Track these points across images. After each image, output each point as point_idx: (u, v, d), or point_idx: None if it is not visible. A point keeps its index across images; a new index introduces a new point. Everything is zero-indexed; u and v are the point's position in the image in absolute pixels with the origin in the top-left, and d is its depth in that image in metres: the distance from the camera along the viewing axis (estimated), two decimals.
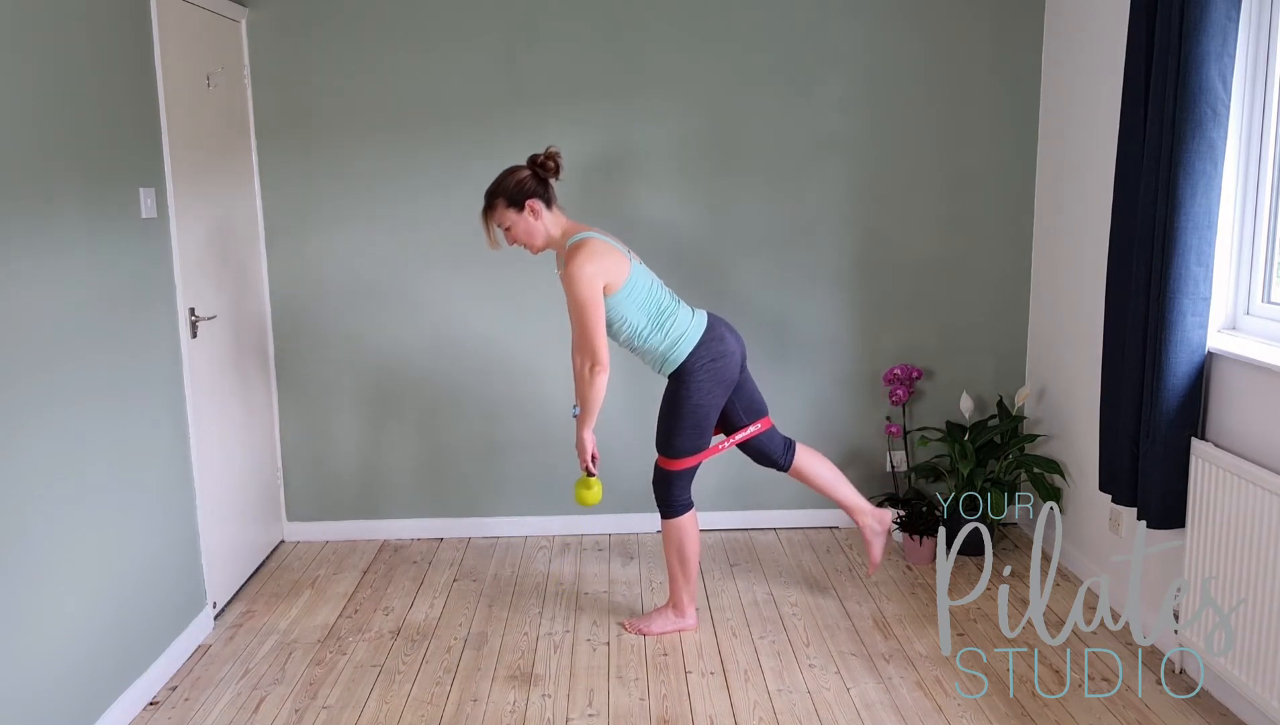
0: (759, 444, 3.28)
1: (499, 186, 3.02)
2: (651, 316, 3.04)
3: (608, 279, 2.95)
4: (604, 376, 2.99)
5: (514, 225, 3.02)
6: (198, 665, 3.11)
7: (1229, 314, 2.87)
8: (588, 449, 3.10)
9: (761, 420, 3.27)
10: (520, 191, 2.99)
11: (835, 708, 2.81)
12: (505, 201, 3.00)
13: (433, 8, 3.81)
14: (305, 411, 4.06)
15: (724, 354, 3.08)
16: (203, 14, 3.45)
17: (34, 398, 2.40)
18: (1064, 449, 3.74)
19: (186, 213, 3.27)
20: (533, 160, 3.02)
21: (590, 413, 3.04)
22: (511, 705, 2.85)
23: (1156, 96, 2.77)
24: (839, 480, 3.36)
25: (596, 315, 2.94)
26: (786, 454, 3.31)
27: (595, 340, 2.95)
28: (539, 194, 3.01)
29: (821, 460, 3.36)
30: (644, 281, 3.05)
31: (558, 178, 3.05)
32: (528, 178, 3.00)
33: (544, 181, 3.03)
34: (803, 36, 3.86)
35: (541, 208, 3.01)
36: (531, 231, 3.03)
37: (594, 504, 3.14)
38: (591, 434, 3.08)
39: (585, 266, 2.92)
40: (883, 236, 4.01)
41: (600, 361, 2.97)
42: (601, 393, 3.01)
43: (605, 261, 2.95)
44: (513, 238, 3.06)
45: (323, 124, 3.87)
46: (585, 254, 2.94)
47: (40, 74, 2.47)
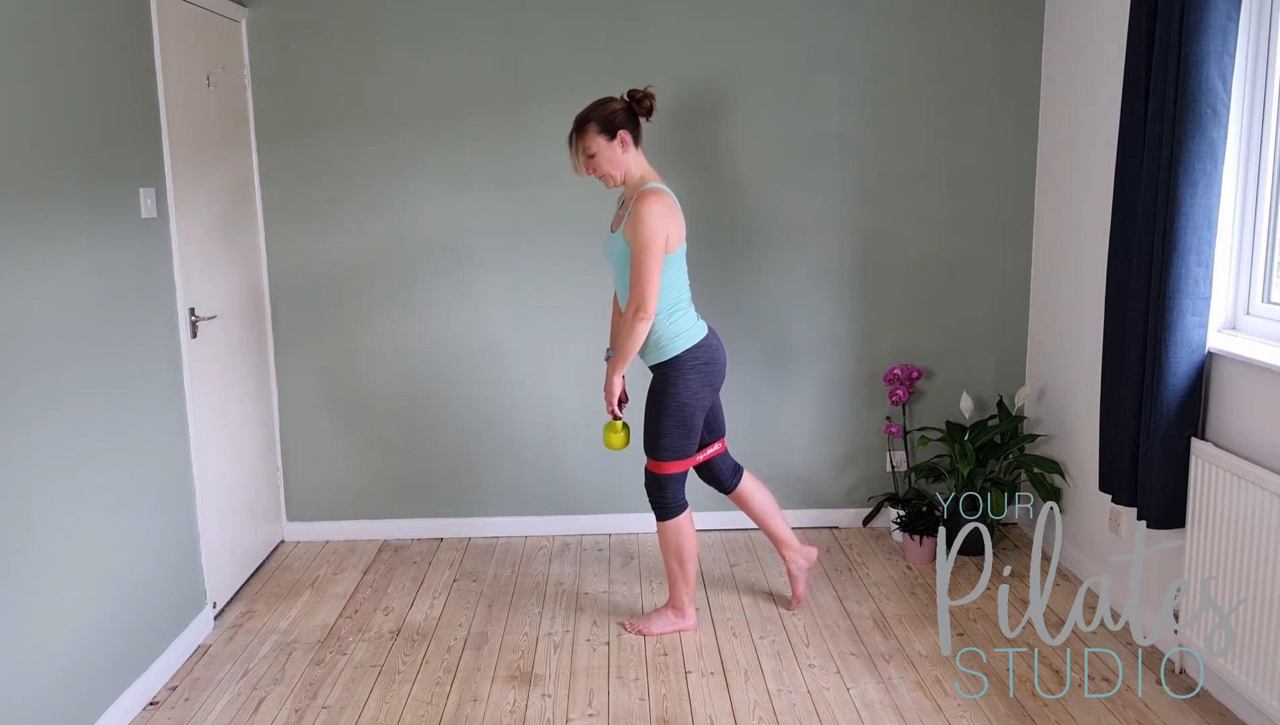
0: (711, 464, 3.31)
1: (593, 111, 3.01)
2: (669, 301, 3.04)
3: (670, 233, 2.96)
4: (646, 324, 2.96)
5: (600, 152, 3.01)
6: (198, 665, 3.11)
7: (1229, 314, 2.87)
8: (615, 392, 3.08)
9: (720, 441, 3.30)
10: (614, 120, 2.99)
11: (835, 708, 2.81)
12: (598, 127, 2.99)
13: (433, 7, 3.81)
14: (305, 411, 4.06)
15: (714, 362, 3.10)
16: (203, 14, 3.44)
17: (34, 397, 2.40)
18: (1064, 449, 3.74)
19: (186, 213, 3.27)
20: (632, 94, 3.03)
21: (624, 357, 3.02)
22: (511, 705, 2.85)
23: (1156, 96, 2.77)
24: (774, 513, 3.37)
25: (656, 259, 2.92)
26: (734, 478, 3.32)
27: (649, 284, 2.93)
28: (630, 127, 3.01)
29: (763, 490, 3.38)
30: (682, 266, 3.07)
31: (649, 118, 3.06)
32: (622, 109, 3.01)
33: (635, 117, 3.03)
34: (803, 36, 3.86)
35: (630, 141, 3.02)
36: (615, 161, 3.02)
37: (619, 448, 3.13)
38: (622, 378, 3.07)
39: (659, 209, 2.92)
40: (883, 236, 4.01)
41: (646, 308, 2.94)
42: (640, 339, 2.98)
43: (675, 218, 2.98)
44: (595, 165, 3.03)
45: (323, 124, 3.87)
46: (663, 202, 2.95)
47: (40, 74, 2.47)
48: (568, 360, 4.02)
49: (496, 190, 3.92)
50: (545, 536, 4.15)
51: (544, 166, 3.89)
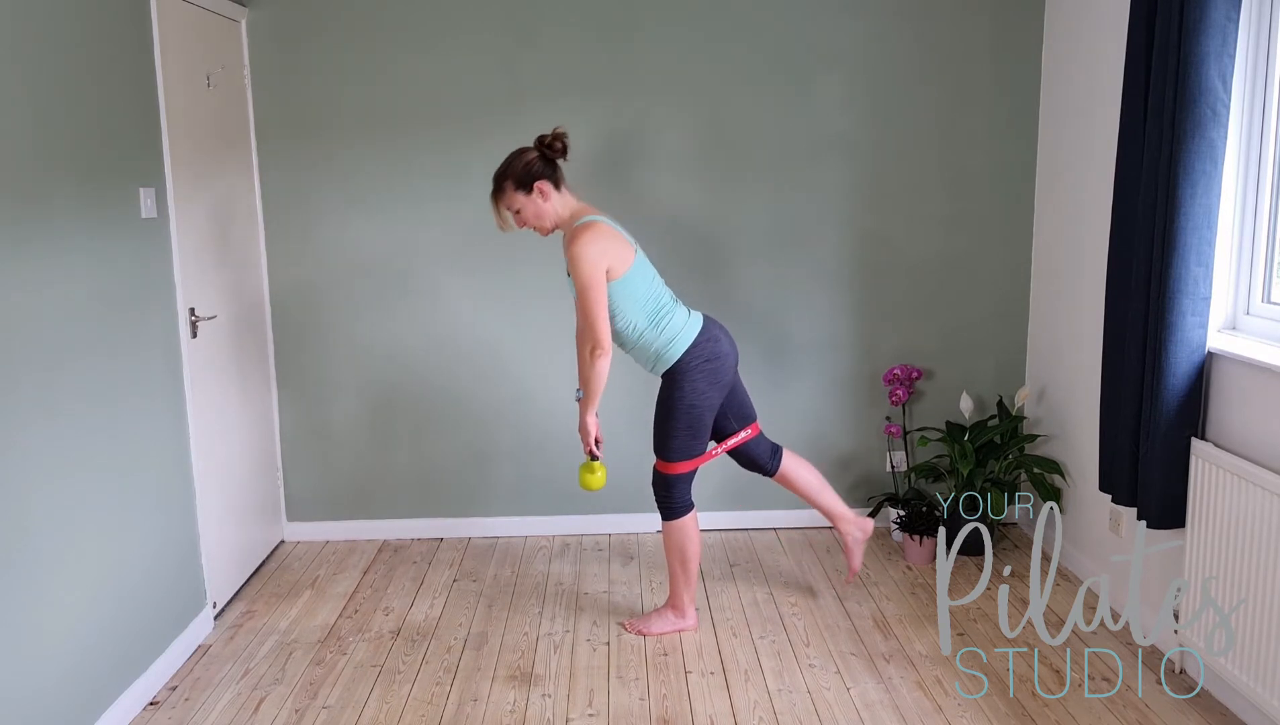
0: (746, 450, 3.29)
1: (507, 169, 2.99)
2: (650, 313, 3.03)
3: (611, 262, 2.93)
4: (605, 360, 2.96)
5: (523, 207, 3.00)
6: (198, 665, 3.11)
7: (1229, 314, 2.87)
8: (590, 433, 3.09)
9: (751, 426, 3.27)
10: (528, 173, 2.97)
11: (835, 708, 2.81)
12: (514, 184, 2.98)
13: (433, 8, 3.81)
14: (305, 411, 4.06)
15: (718, 356, 3.07)
16: (203, 14, 3.45)
17: (35, 397, 2.40)
18: (1064, 449, 3.74)
19: (186, 213, 3.27)
20: (540, 141, 3.00)
21: (593, 396, 3.02)
22: (511, 705, 2.85)
23: (1156, 96, 2.77)
24: (823, 488, 3.37)
25: (599, 297, 2.92)
26: (773, 460, 3.31)
27: (597, 322, 2.93)
28: (547, 175, 2.98)
29: (807, 467, 3.37)
30: (645, 276, 3.03)
31: (565, 158, 3.02)
32: (535, 159, 2.98)
33: (552, 163, 3.00)
34: (803, 36, 3.86)
35: (550, 189, 2.99)
36: (541, 213, 3.01)
37: (597, 489, 3.13)
38: (595, 418, 3.07)
39: (589, 247, 2.90)
40: (883, 236, 4.01)
41: (602, 344, 2.94)
42: (604, 376, 2.98)
43: (611, 245, 2.94)
44: (523, 220, 3.03)
45: (323, 124, 3.87)
46: (592, 235, 2.92)
47: (40, 74, 2.47)
48: (567, 360, 4.02)
49: None
50: (545, 536, 4.15)
51: None
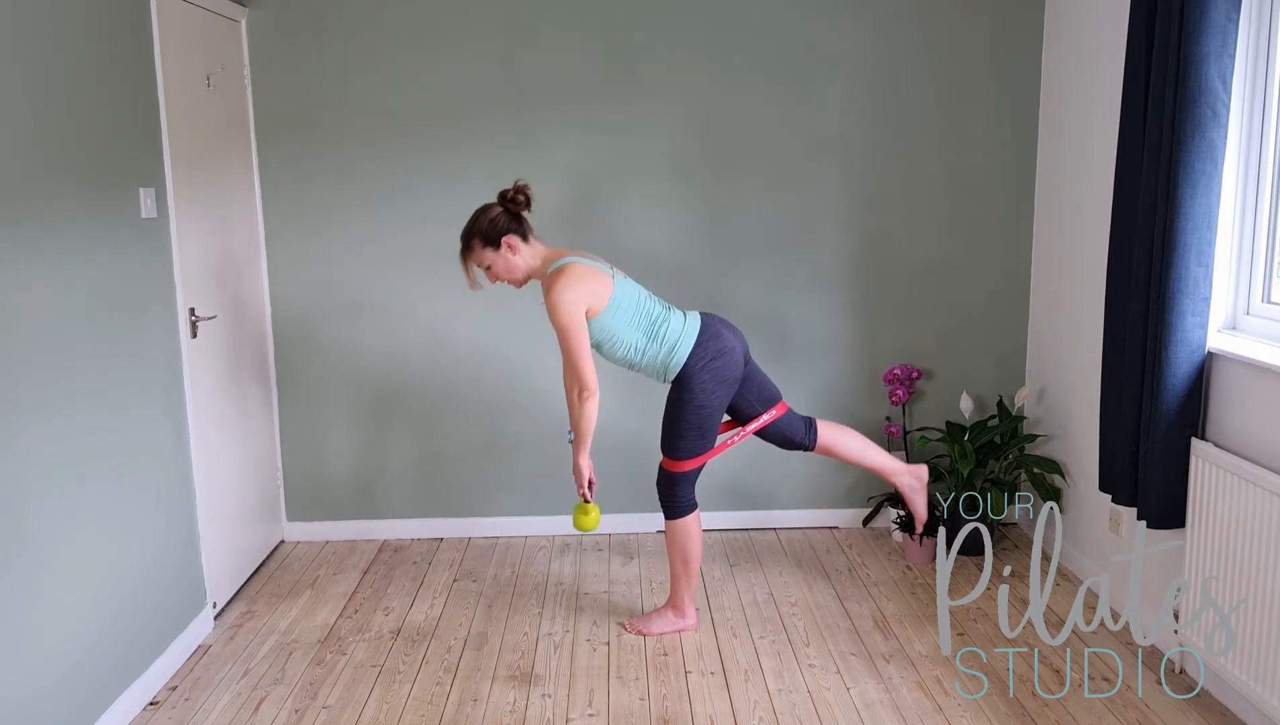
0: (780, 429, 3.26)
1: (473, 227, 3.01)
2: (645, 329, 3.04)
3: (590, 302, 2.95)
4: (594, 401, 2.99)
5: (493, 263, 3.02)
6: (198, 665, 3.11)
7: (1229, 314, 2.87)
8: (584, 475, 3.11)
9: (776, 406, 3.25)
10: (495, 230, 2.99)
11: (835, 708, 2.81)
12: (481, 241, 3.00)
13: (433, 8, 3.81)
14: (305, 411, 4.06)
15: (723, 352, 3.07)
16: (203, 14, 3.45)
17: (35, 398, 2.40)
18: (1064, 449, 3.74)
19: (186, 213, 3.27)
20: (502, 196, 3.02)
21: (584, 439, 3.05)
22: (511, 705, 2.85)
23: (1156, 96, 2.77)
24: (867, 447, 3.33)
25: (580, 341, 2.94)
26: (809, 434, 3.28)
27: (581, 365, 2.96)
28: (513, 229, 3.00)
29: (845, 432, 3.33)
30: (630, 296, 3.04)
31: (529, 210, 3.04)
32: (500, 215, 3.00)
33: (517, 216, 3.02)
34: (803, 36, 3.86)
35: (518, 242, 3.01)
36: (512, 267, 3.03)
37: (591, 530, 3.16)
38: (588, 459, 3.10)
39: (566, 292, 2.92)
40: (882, 237, 4.01)
41: (588, 387, 2.97)
42: (593, 418, 3.01)
43: (586, 284, 2.95)
44: (495, 276, 3.05)
45: (323, 124, 3.87)
46: (565, 280, 2.93)
47: (40, 74, 2.47)
48: None
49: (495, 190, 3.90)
50: (545, 536, 4.15)
51: (543, 166, 3.89)
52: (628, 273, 3.18)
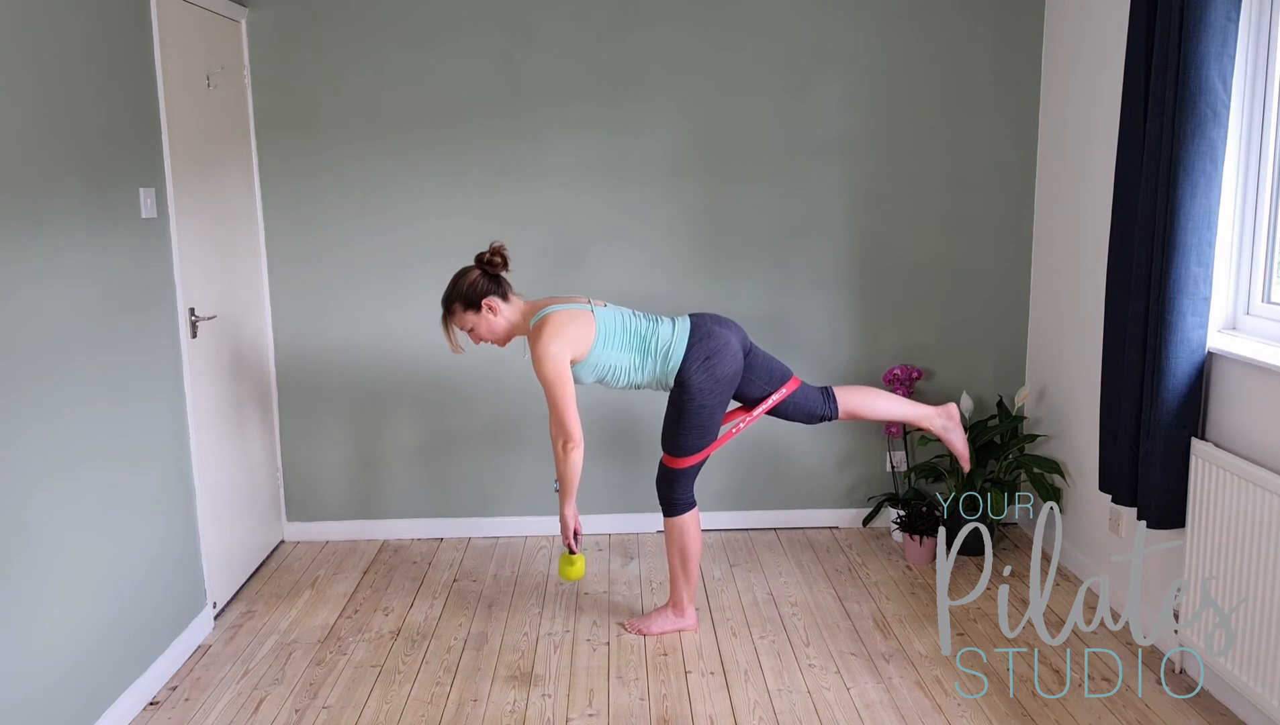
0: (799, 404, 3.23)
1: (453, 292, 3.04)
2: (637, 346, 3.05)
3: (575, 350, 2.98)
4: (578, 452, 3.01)
5: (476, 325, 3.05)
6: (198, 665, 3.11)
7: (1229, 314, 2.87)
8: (569, 526, 3.12)
9: (787, 384, 3.22)
10: (475, 293, 3.01)
11: (835, 708, 2.81)
12: (463, 305, 3.03)
13: (432, 8, 3.81)
14: (305, 411, 4.06)
15: (717, 349, 3.07)
16: (203, 14, 3.45)
17: (35, 397, 2.40)
18: (1064, 449, 3.74)
19: (186, 213, 3.27)
20: (479, 259, 3.04)
21: (569, 489, 3.06)
22: (511, 705, 2.85)
23: (1156, 96, 2.77)
24: (892, 403, 3.30)
25: (565, 393, 2.96)
26: (829, 403, 3.25)
27: (566, 417, 2.97)
28: (493, 291, 3.03)
29: (865, 391, 3.29)
30: (614, 322, 3.06)
31: (507, 270, 3.06)
32: (479, 278, 3.02)
33: (496, 277, 3.05)
34: (802, 37, 3.87)
35: (498, 303, 3.03)
36: (494, 328, 3.06)
37: (577, 579, 3.18)
38: (573, 509, 3.10)
39: (550, 346, 2.94)
40: (882, 237, 4.01)
41: (573, 438, 2.99)
42: (578, 468, 3.02)
43: (568, 333, 2.97)
44: (478, 337, 3.08)
45: (322, 124, 3.87)
46: (548, 333, 2.95)
47: (40, 74, 2.47)
48: None
49: (495, 190, 3.92)
50: (545, 536, 4.15)
51: (543, 166, 3.89)
52: (607, 301, 3.15)
